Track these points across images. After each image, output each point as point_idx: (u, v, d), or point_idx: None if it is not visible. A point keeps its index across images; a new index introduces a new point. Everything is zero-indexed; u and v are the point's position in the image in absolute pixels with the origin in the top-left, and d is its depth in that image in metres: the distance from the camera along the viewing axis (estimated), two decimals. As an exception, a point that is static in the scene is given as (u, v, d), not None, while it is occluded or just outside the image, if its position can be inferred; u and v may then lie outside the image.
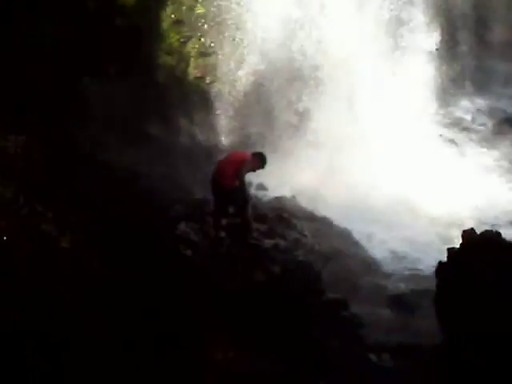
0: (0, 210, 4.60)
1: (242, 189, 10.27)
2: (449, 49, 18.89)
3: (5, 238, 4.44)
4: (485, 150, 17.21)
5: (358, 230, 12.23)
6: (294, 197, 13.01)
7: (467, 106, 20.24)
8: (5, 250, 4.40)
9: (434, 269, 9.23)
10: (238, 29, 15.14)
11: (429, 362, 7.79)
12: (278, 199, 12.81)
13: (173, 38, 15.33)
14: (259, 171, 10.76)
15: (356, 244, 11.81)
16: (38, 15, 10.85)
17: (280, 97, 15.18)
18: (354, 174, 13.49)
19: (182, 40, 15.44)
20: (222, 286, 9.00)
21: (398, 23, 15.68)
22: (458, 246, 8.90)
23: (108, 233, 7.95)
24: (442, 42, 17.94)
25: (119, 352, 5.89)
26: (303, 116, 15.04)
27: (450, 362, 7.64)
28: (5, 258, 4.38)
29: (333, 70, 14.73)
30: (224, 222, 10.72)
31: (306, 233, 11.57)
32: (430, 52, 16.74)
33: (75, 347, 4.89)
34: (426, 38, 16.75)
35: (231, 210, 10.65)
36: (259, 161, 10.48)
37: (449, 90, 18.82)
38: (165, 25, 15.11)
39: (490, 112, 19.68)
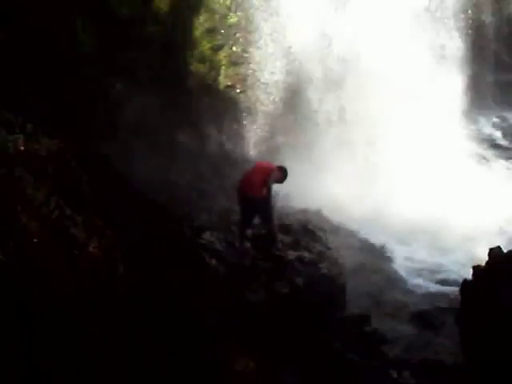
0: (32, 213, 4.68)
1: (269, 199, 10.30)
2: (480, 63, 18.80)
3: (35, 240, 4.52)
4: (515, 166, 17.08)
5: (384, 245, 12.18)
6: (319, 209, 12.98)
7: (497, 123, 20.12)
8: (36, 253, 4.48)
9: (459, 287, 9.21)
10: (270, 39, 15.20)
11: (450, 381, 7.73)
12: (304, 211, 12.79)
13: (205, 46, 15.44)
14: (282, 184, 10.81)
15: (381, 259, 11.78)
16: (73, 24, 11.00)
17: (310, 108, 15.20)
18: (383, 189, 13.44)
19: (213, 48, 15.55)
20: (246, 296, 9.02)
21: (430, 38, 15.58)
22: (483, 265, 8.85)
23: (134, 239, 8.03)
24: (473, 56, 17.86)
25: (140, 359, 5.93)
26: (332, 128, 15.02)
27: (470, 382, 7.59)
28: (36, 260, 4.46)
29: (364, 82, 14.69)
30: (249, 232, 10.75)
31: (331, 245, 11.52)
32: (461, 66, 16.62)
33: (99, 351, 4.95)
34: (457, 52, 16.65)
35: (256, 220, 10.69)
36: (282, 174, 10.54)
37: (479, 105, 18.71)
38: (197, 33, 15.24)
39: (521, 128, 19.55)
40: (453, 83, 16.07)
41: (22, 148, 5.24)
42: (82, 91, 11.26)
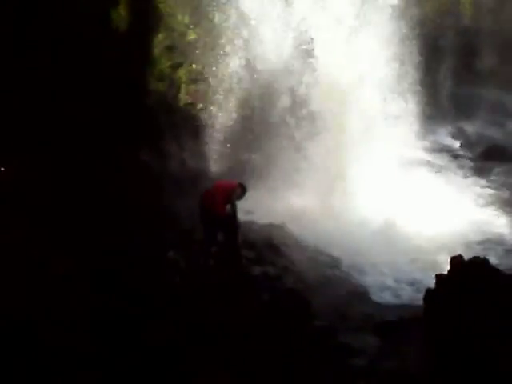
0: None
1: (234, 216, 10.36)
2: (436, 76, 19.15)
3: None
4: (473, 176, 17.39)
5: (347, 258, 12.24)
6: (283, 224, 13.01)
7: (455, 133, 20.50)
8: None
9: (422, 295, 9.31)
10: (229, 55, 15.27)
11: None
12: (268, 226, 12.80)
13: (164, 64, 15.41)
14: (247, 196, 10.87)
15: (345, 272, 11.82)
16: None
17: (271, 125, 15.26)
18: (343, 202, 13.55)
19: (173, 66, 15.53)
20: (212, 313, 8.97)
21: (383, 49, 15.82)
22: (445, 273, 8.98)
23: (98, 259, 7.95)
24: (429, 69, 18.18)
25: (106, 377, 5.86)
26: (294, 143, 15.09)
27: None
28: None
29: (326, 98, 14.84)
30: (213, 249, 10.73)
31: (295, 260, 11.57)
32: (417, 79, 16.89)
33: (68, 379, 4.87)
34: (415, 65, 16.93)
35: (220, 237, 10.68)
36: (242, 190, 10.66)
37: (437, 117, 19.04)
38: (156, 50, 15.21)
39: (478, 139, 19.94)
40: (411, 96, 16.35)
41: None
42: (39, 112, 11.14)
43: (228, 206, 10.36)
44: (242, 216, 10.84)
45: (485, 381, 7.22)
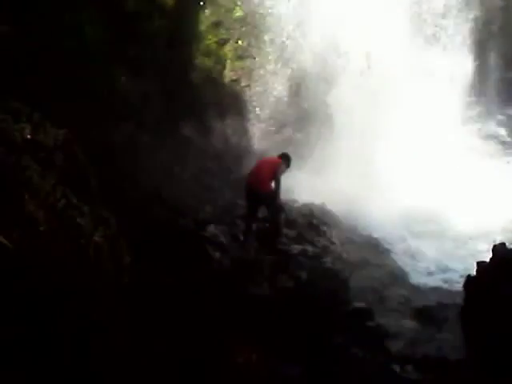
0: (38, 202, 4.69)
1: (277, 192, 10.32)
2: (485, 61, 18.76)
3: (42, 228, 4.53)
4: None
5: (387, 241, 12.18)
6: (323, 204, 13.00)
7: (502, 120, 20.07)
8: (42, 241, 4.49)
9: (461, 283, 9.21)
10: (275, 33, 15.20)
11: (452, 376, 7.73)
12: (308, 205, 12.81)
13: (210, 40, 15.45)
14: (289, 175, 10.82)
15: (384, 254, 11.76)
16: (77, 15, 11.01)
17: (315, 103, 15.18)
18: (387, 184, 13.43)
19: (219, 42, 15.54)
20: (249, 289, 9.04)
21: (434, 38, 15.56)
22: (487, 261, 8.86)
23: (139, 231, 8.04)
24: (479, 53, 17.82)
25: (143, 349, 5.95)
26: (337, 121, 14.99)
27: (473, 377, 7.59)
28: (42, 248, 4.47)
29: (370, 76, 14.69)
30: (254, 226, 10.77)
31: (335, 240, 11.56)
32: (466, 63, 16.60)
33: (102, 339, 4.96)
34: (461, 49, 16.64)
35: (261, 213, 10.72)
36: (287, 161, 10.57)
37: (485, 103, 18.67)
38: (203, 26, 15.23)
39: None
40: (457, 81, 16.07)
41: (29, 137, 5.25)
42: (88, 83, 11.26)
43: (272, 183, 10.29)
44: (283, 195, 10.83)
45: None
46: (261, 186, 10.26)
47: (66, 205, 5.01)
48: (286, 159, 10.61)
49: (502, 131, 19.42)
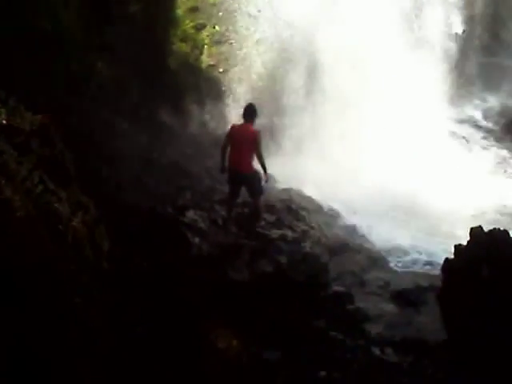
0: (15, 187, 4.62)
1: (264, 166, 10.33)
2: (463, 45, 18.87)
3: (19, 214, 4.47)
4: (495, 147, 17.22)
5: (366, 225, 12.23)
6: (302, 189, 13.01)
7: (479, 104, 20.26)
8: (19, 227, 4.43)
9: (439, 266, 9.28)
10: (252, 18, 15.12)
11: (431, 358, 7.81)
12: (287, 190, 12.82)
13: (187, 25, 15.35)
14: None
15: (363, 238, 11.81)
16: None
17: (293, 88, 15.15)
18: (364, 169, 13.49)
19: (196, 27, 15.45)
20: (229, 274, 9.04)
21: (413, 20, 15.59)
22: (465, 243, 8.93)
23: (118, 216, 8.00)
24: (456, 38, 17.92)
25: (123, 335, 5.93)
26: (315, 107, 14.99)
27: (452, 359, 7.67)
28: (19, 234, 4.41)
29: (347, 63, 14.68)
30: (233, 211, 10.78)
31: (314, 225, 11.58)
32: (443, 49, 16.67)
33: (82, 325, 4.93)
34: (441, 34, 16.70)
35: (240, 199, 10.73)
36: (255, 115, 10.60)
37: (461, 87, 18.79)
38: (180, 11, 15.11)
39: (502, 111, 19.69)
40: (436, 65, 16.14)
41: (5, 122, 5.17)
42: (63, 69, 11.13)
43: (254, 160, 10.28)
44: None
45: (498, 354, 7.22)
46: (243, 166, 10.25)
47: (43, 190, 4.94)
48: (254, 115, 10.56)
49: (479, 115, 19.61)
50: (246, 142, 10.33)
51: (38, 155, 5.18)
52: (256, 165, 10.42)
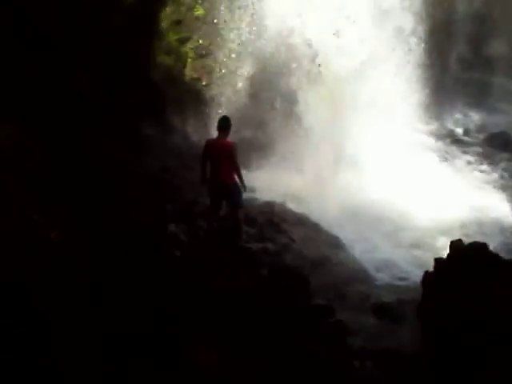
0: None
1: (240, 176, 10.49)
2: (444, 61, 19.05)
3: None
4: (475, 162, 17.37)
5: (347, 238, 12.26)
6: (284, 202, 13.04)
7: (460, 119, 20.45)
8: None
9: (420, 278, 9.34)
10: (236, 32, 15.19)
11: (411, 371, 7.83)
12: (268, 203, 12.84)
13: (171, 38, 15.38)
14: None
15: (344, 251, 11.84)
16: (36, 10, 10.85)
17: (278, 100, 15.21)
18: (346, 182, 13.54)
19: (180, 40, 15.49)
20: (210, 287, 9.01)
21: (392, 33, 15.70)
22: (445, 257, 9.00)
23: (99, 230, 7.96)
24: (437, 54, 18.08)
25: (98, 346, 5.90)
26: (297, 121, 15.05)
27: (432, 372, 7.71)
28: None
29: (327, 77, 14.76)
30: (216, 224, 10.78)
31: (295, 238, 11.60)
32: (423, 64, 16.79)
33: (58, 341, 4.90)
34: (420, 48, 16.81)
35: (223, 210, 10.74)
36: (229, 128, 10.77)
37: (442, 102, 18.96)
38: (164, 24, 15.15)
39: (483, 126, 19.91)
40: (416, 80, 16.26)
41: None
42: (45, 80, 11.09)
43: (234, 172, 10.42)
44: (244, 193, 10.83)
45: (478, 366, 7.27)
46: (225, 177, 10.39)
47: (20, 202, 4.94)
48: (228, 128, 10.75)
49: (459, 130, 19.79)
50: (223, 155, 10.52)
51: (15, 167, 5.17)
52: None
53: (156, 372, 6.51)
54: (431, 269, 9.16)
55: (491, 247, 9.01)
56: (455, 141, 18.86)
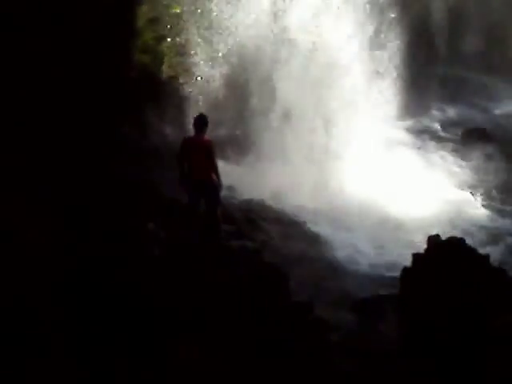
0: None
1: (217, 174, 10.43)
2: (420, 57, 19.15)
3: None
4: (452, 158, 17.49)
5: (326, 234, 12.32)
6: (262, 199, 13.04)
7: (437, 115, 20.58)
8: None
9: (398, 274, 9.40)
10: (212, 30, 15.15)
11: (391, 366, 7.88)
12: (247, 201, 12.85)
13: (148, 36, 15.28)
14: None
15: (323, 248, 11.89)
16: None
17: (253, 100, 15.20)
18: (324, 179, 13.59)
19: (157, 38, 15.40)
20: (189, 285, 8.99)
21: (368, 30, 15.76)
22: (422, 251, 9.06)
23: (78, 229, 7.92)
24: (414, 50, 18.16)
25: (79, 346, 5.88)
26: (276, 118, 15.05)
27: (408, 365, 7.76)
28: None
29: (306, 74, 14.79)
30: (195, 221, 10.76)
31: (274, 235, 11.62)
32: (402, 60, 16.88)
33: (36, 339, 4.87)
34: (396, 44, 16.90)
35: (202, 207, 10.73)
36: (206, 125, 10.72)
37: (419, 98, 19.06)
38: (140, 22, 15.05)
39: (460, 121, 20.04)
40: (392, 76, 16.34)
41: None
42: (21, 83, 11.01)
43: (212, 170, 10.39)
44: (223, 191, 10.82)
45: (455, 361, 7.34)
46: (203, 175, 10.37)
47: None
48: (204, 126, 10.71)
49: (436, 126, 19.92)
50: (200, 152, 10.48)
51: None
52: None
53: (141, 370, 6.51)
54: (409, 264, 9.22)
55: (467, 241, 9.10)
56: (432, 136, 18.99)
